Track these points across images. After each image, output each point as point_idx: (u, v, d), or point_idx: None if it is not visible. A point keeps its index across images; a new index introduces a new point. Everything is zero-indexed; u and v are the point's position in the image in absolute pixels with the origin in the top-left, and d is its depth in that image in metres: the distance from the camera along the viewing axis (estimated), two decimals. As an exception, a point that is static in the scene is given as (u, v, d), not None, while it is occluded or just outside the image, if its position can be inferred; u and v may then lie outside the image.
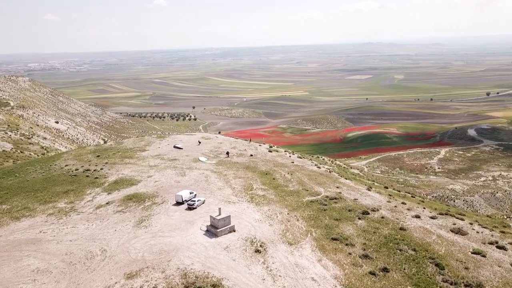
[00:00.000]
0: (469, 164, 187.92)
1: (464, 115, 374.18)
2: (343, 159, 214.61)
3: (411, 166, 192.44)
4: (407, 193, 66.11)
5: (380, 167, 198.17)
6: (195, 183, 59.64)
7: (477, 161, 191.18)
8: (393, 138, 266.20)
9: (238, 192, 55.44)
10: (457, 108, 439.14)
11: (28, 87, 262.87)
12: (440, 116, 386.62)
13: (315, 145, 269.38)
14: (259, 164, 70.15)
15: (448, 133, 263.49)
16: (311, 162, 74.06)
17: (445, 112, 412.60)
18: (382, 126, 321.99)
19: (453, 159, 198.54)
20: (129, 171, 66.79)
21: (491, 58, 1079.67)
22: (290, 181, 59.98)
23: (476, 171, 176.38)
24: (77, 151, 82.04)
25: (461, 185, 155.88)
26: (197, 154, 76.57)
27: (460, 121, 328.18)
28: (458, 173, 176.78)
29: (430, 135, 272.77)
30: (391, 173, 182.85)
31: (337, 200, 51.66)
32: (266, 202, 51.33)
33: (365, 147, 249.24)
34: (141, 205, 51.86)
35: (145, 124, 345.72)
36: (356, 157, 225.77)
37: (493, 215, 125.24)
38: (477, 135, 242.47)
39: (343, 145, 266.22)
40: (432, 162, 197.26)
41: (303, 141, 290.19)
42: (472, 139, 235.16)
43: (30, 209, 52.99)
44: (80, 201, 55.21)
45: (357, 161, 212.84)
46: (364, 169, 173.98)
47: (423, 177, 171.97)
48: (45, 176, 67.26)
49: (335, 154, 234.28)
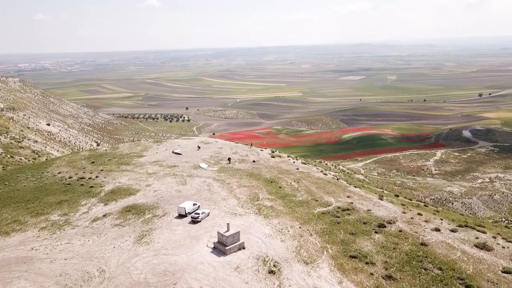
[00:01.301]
0: (465, 165, 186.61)
1: (458, 116, 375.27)
2: (340, 160, 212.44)
3: (408, 168, 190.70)
4: (419, 201, 63.34)
5: (377, 169, 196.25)
6: (198, 192, 56.15)
7: (473, 162, 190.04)
8: (388, 140, 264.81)
9: (243, 202, 52.09)
10: (450, 109, 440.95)
11: (19, 88, 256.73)
12: (434, 117, 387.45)
13: (311, 147, 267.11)
14: (263, 171, 66.89)
15: (443, 134, 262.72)
16: (316, 168, 71.06)
17: (438, 113, 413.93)
18: (377, 127, 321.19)
19: (449, 161, 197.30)
20: (126, 179, 63.10)
21: (482, 59, 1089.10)
22: (298, 190, 56.82)
23: (473, 172, 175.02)
24: (71, 157, 78.05)
25: (458, 187, 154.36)
26: (197, 160, 73.04)
27: (454, 122, 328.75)
28: (455, 175, 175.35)
29: (425, 136, 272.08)
30: (388, 175, 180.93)
31: (350, 212, 48.60)
32: (275, 214, 48.04)
33: (361, 148, 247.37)
34: (141, 217, 48.30)
35: (138, 125, 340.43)
36: (352, 158, 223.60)
37: (492, 217, 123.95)
38: (472, 136, 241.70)
39: (339, 147, 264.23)
40: (429, 163, 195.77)
41: (299, 143, 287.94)
42: (467, 141, 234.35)
43: (21, 222, 49.22)
44: (74, 213, 51.51)
45: (353, 163, 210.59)
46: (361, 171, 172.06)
47: (420, 179, 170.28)
48: (37, 184, 63.37)
49: (331, 155, 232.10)
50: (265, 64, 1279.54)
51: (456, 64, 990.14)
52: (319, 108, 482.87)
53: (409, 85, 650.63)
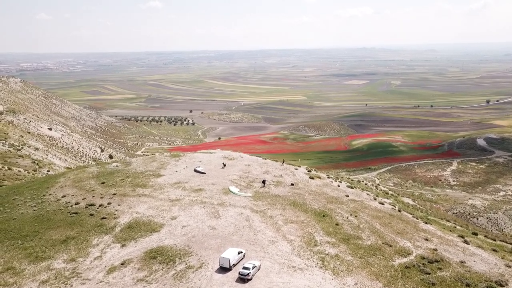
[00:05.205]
0: (484, 176, 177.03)
1: (468, 123, 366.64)
2: (352, 169, 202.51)
3: (424, 178, 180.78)
4: (503, 242, 52.38)
5: (392, 179, 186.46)
6: (237, 231, 45.11)
7: (492, 173, 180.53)
8: (400, 147, 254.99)
9: (299, 248, 41.14)
10: (459, 115, 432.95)
11: (20, 88, 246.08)
12: (444, 124, 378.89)
13: (320, 153, 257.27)
14: (307, 198, 56.00)
15: (456, 142, 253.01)
16: (367, 194, 60.31)
17: (447, 119, 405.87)
18: (386, 133, 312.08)
19: (467, 171, 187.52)
20: (145, 207, 52.13)
21: (486, 65, 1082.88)
22: (360, 229, 45.97)
23: (493, 184, 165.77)
24: (77, 174, 67.13)
25: (480, 200, 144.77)
26: (225, 182, 62.09)
27: (464, 129, 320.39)
28: (475, 186, 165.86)
29: (437, 144, 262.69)
30: (404, 185, 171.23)
31: (440, 265, 37.88)
32: (346, 269, 37.11)
33: (372, 156, 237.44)
34: (171, 269, 37.36)
35: (142, 128, 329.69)
36: (364, 167, 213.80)
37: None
38: (487, 145, 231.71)
39: (349, 154, 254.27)
40: (446, 174, 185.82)
41: (307, 149, 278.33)
42: (482, 150, 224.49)
43: (16, 272, 38.30)
44: (84, 258, 40.65)
45: (366, 172, 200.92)
46: (375, 181, 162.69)
47: (439, 191, 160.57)
48: (37, 212, 52.41)
49: (343, 163, 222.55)
50: (267, 67, 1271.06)
51: (460, 69, 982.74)
52: (325, 112, 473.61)
53: (414, 90, 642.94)
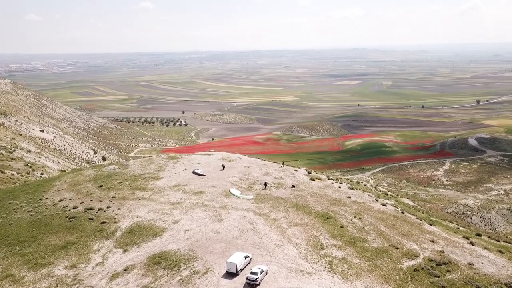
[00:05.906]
0: (476, 176, 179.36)
1: (459, 123, 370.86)
2: (346, 169, 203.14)
3: (418, 178, 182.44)
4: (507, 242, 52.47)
5: (386, 179, 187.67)
6: (241, 234, 44.37)
7: (485, 173, 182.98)
8: (392, 147, 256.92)
9: (305, 252, 40.55)
10: (450, 115, 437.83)
11: (10, 90, 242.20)
12: (435, 124, 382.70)
13: (314, 154, 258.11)
14: (309, 200, 55.49)
15: (448, 142, 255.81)
16: (368, 195, 60.08)
17: (439, 119, 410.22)
18: (379, 134, 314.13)
19: (460, 171, 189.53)
20: (145, 211, 51.16)
21: (475, 66, 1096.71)
22: (366, 231, 45.54)
23: (486, 184, 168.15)
24: (73, 177, 65.79)
25: (473, 200, 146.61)
26: (225, 184, 61.33)
27: (455, 129, 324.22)
28: (467, 186, 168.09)
29: (429, 144, 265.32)
30: (398, 185, 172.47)
31: (448, 267, 37.61)
32: (355, 273, 36.60)
33: (365, 156, 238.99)
34: (176, 275, 36.52)
35: (134, 129, 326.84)
36: (358, 167, 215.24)
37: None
38: (478, 145, 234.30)
39: (342, 154, 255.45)
40: (439, 173, 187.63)
41: (301, 149, 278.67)
42: (474, 149, 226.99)
43: (15, 280, 37.18)
44: (86, 264, 39.63)
45: (360, 172, 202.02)
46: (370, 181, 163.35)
47: (432, 190, 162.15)
48: (34, 217, 51.10)
49: (336, 164, 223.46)
50: (259, 67, 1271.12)
51: (450, 70, 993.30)
52: (317, 113, 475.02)
53: (405, 90, 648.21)
